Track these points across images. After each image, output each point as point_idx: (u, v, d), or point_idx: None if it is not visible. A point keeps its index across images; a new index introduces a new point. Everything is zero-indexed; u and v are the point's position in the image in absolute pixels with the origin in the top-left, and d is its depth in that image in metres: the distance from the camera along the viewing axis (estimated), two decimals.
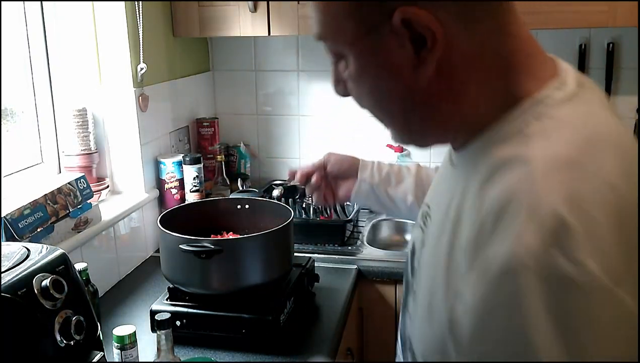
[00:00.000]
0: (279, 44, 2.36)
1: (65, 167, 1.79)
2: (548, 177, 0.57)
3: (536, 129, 0.62)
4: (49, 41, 1.76)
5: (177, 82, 2.14)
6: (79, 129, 1.76)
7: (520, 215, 0.56)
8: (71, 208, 1.54)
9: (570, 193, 0.55)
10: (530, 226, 0.55)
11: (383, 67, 0.66)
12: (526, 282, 0.54)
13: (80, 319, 1.07)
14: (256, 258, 1.42)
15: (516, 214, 0.56)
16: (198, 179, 2.02)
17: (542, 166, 0.58)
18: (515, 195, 0.58)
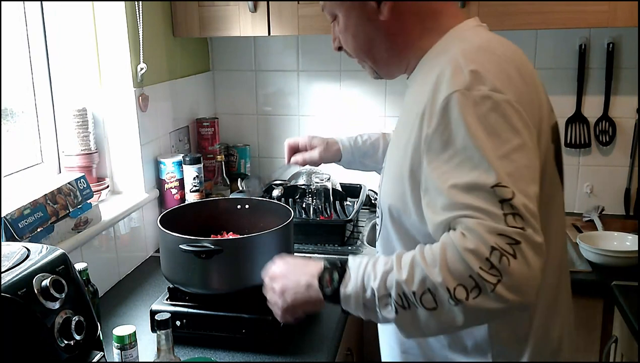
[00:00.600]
0: (279, 44, 2.36)
1: (65, 167, 1.79)
2: (464, 54, 0.97)
3: (458, 40, 1.03)
4: (49, 41, 1.76)
5: (177, 82, 2.14)
6: (79, 129, 1.76)
7: (449, 75, 0.94)
8: (71, 208, 1.55)
9: (479, 59, 0.96)
10: (458, 78, 0.93)
11: (359, 18, 1.08)
12: (463, 103, 0.91)
13: (80, 319, 1.07)
14: (256, 258, 1.42)
15: (449, 73, 0.94)
16: (198, 178, 2.02)
17: (460, 50, 0.98)
18: (444, 68, 0.96)
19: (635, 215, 2.18)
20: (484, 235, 0.87)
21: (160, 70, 2.01)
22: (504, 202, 0.87)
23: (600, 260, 1.79)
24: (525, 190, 0.89)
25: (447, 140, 0.92)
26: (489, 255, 0.86)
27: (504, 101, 0.91)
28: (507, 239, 0.86)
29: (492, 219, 0.87)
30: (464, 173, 0.90)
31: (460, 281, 0.87)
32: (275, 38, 2.34)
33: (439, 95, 0.94)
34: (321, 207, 2.11)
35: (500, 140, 0.90)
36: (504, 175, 0.88)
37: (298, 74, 2.38)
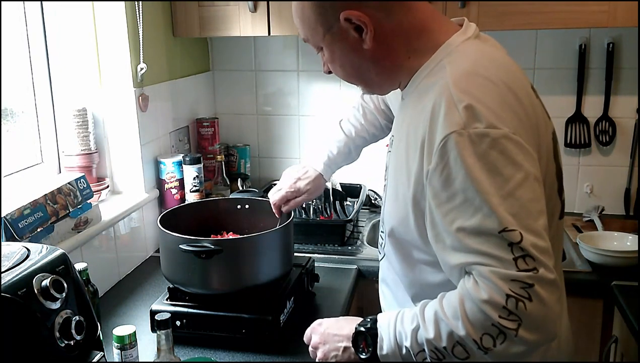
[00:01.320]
0: (279, 44, 2.36)
1: (65, 167, 1.79)
2: (456, 84, 0.95)
3: (447, 60, 1.01)
4: (49, 41, 1.76)
5: (177, 82, 2.14)
6: (79, 129, 1.76)
7: (444, 113, 0.93)
8: (71, 208, 1.54)
9: (470, 90, 0.94)
10: (453, 116, 0.92)
11: (343, 49, 1.07)
12: (462, 145, 0.90)
13: (80, 319, 1.07)
14: (256, 258, 1.42)
15: (443, 111, 0.93)
16: (198, 178, 2.02)
17: (452, 80, 0.96)
18: (438, 101, 0.95)
19: (635, 215, 2.18)
20: (498, 283, 0.89)
21: (160, 70, 2.01)
22: (513, 245, 0.89)
23: (600, 260, 1.79)
24: (533, 226, 0.90)
25: (447, 180, 0.93)
26: (505, 302, 0.89)
27: (502, 136, 0.91)
28: (521, 284, 0.88)
29: (503, 265, 0.89)
30: (467, 215, 0.91)
31: (485, 330, 0.91)
32: (275, 38, 2.34)
33: (436, 135, 0.93)
34: (321, 207, 2.11)
35: (502, 179, 0.90)
36: (509, 217, 0.89)
37: (298, 74, 2.38)
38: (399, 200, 1.07)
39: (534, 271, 0.88)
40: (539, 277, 0.88)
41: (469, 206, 0.91)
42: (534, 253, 0.88)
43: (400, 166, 1.06)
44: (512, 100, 0.96)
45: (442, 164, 0.92)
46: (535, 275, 0.88)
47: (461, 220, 0.92)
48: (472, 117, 0.91)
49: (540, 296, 0.88)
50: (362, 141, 1.62)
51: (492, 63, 1.01)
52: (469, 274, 0.94)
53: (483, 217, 0.90)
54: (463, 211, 0.92)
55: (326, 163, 1.56)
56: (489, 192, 0.89)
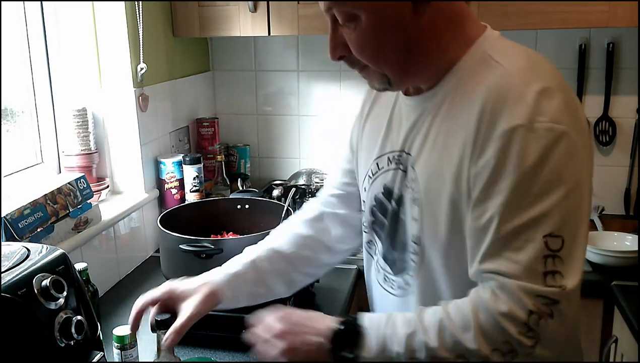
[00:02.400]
0: (279, 44, 2.36)
1: (65, 167, 1.79)
2: (520, 74, 0.90)
3: (494, 55, 0.94)
4: (49, 41, 1.76)
5: (177, 82, 2.14)
6: (79, 129, 1.76)
7: (508, 102, 0.87)
8: (71, 208, 1.55)
9: (534, 84, 0.88)
10: (518, 107, 0.86)
11: (391, 19, 0.92)
12: (527, 138, 0.85)
13: (80, 319, 1.07)
14: None
15: (506, 103, 0.87)
16: (198, 178, 2.02)
17: (514, 69, 0.91)
18: (495, 94, 0.89)
19: (635, 215, 2.18)
20: (522, 297, 0.85)
21: (160, 70, 2.01)
22: (549, 257, 0.85)
23: (600, 260, 1.79)
24: (576, 234, 0.87)
25: (502, 174, 0.87)
26: (527, 319, 0.85)
27: (566, 134, 0.86)
28: (546, 300, 0.85)
29: (532, 279, 0.85)
30: (515, 213, 0.87)
31: (496, 346, 0.86)
32: (275, 38, 2.34)
33: (496, 126, 0.87)
34: None
35: (559, 180, 0.86)
36: (559, 221, 0.85)
37: (298, 74, 2.38)
38: (439, 208, 0.97)
39: (561, 288, 0.84)
40: (565, 294, 0.84)
41: (520, 203, 0.86)
42: (567, 265, 0.85)
43: (442, 182, 0.96)
44: (572, 97, 0.94)
45: (501, 156, 0.87)
46: (561, 292, 0.84)
47: (505, 220, 0.87)
48: (538, 111, 0.86)
49: (563, 313, 0.85)
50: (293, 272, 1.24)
51: (544, 61, 0.97)
52: (485, 283, 0.89)
53: (532, 218, 0.85)
54: (511, 209, 0.87)
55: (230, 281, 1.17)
56: (543, 190, 0.85)
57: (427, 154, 1.00)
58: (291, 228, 1.27)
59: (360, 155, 1.19)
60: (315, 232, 1.25)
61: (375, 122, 1.15)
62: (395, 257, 1.09)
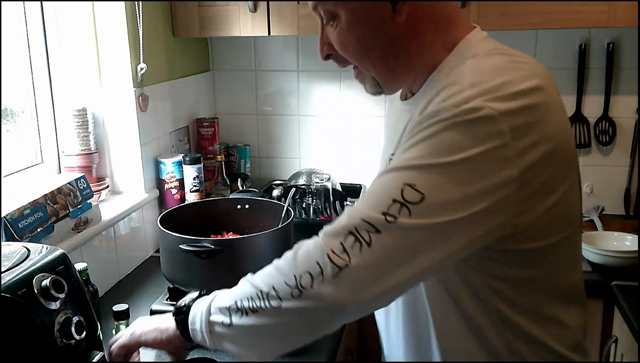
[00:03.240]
0: (279, 44, 2.36)
1: (65, 167, 1.79)
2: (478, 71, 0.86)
3: (469, 55, 0.91)
4: (49, 41, 1.76)
5: (177, 82, 2.14)
6: (79, 129, 1.76)
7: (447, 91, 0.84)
8: (71, 208, 1.54)
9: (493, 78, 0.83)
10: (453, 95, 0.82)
11: (369, 18, 0.91)
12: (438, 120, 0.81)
13: (80, 319, 1.07)
14: (256, 258, 1.42)
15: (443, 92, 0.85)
16: (198, 178, 2.02)
17: (475, 66, 0.88)
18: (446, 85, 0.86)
19: (635, 215, 2.18)
20: (347, 219, 0.84)
21: (160, 70, 2.01)
22: (397, 202, 0.81)
23: (600, 260, 1.79)
24: (447, 207, 0.81)
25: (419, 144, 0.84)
26: (344, 238, 0.83)
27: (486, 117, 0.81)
28: (369, 226, 0.81)
29: (369, 209, 0.83)
30: (391, 166, 0.86)
31: (308, 268, 0.84)
32: (275, 38, 2.34)
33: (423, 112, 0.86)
34: (321, 207, 2.11)
35: (450, 150, 0.81)
36: (428, 181, 0.81)
37: (298, 74, 2.38)
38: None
39: (388, 221, 0.80)
40: (391, 226, 0.80)
41: (398, 161, 0.85)
42: (411, 219, 0.80)
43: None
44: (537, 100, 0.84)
45: (410, 136, 0.85)
46: (387, 224, 0.80)
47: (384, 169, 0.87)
48: (468, 98, 0.81)
49: (382, 244, 0.80)
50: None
51: (523, 65, 0.90)
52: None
53: (401, 166, 0.84)
54: (395, 162, 0.86)
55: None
56: (430, 155, 0.82)
57: (397, 154, 1.00)
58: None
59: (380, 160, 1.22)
60: None
61: (388, 126, 1.21)
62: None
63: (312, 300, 0.83)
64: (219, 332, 0.93)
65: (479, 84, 0.82)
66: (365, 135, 2.36)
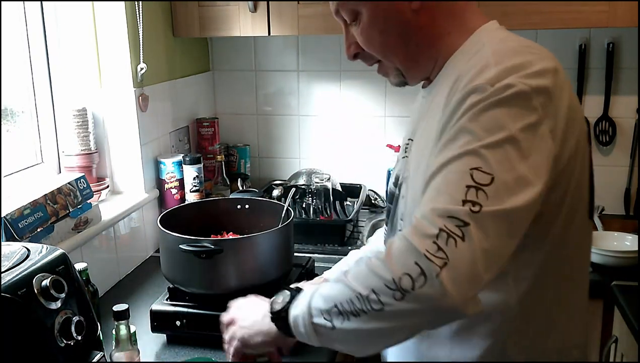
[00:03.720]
0: (279, 44, 2.36)
1: (65, 167, 1.79)
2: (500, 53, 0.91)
3: (486, 41, 0.96)
4: (49, 41, 1.76)
5: (177, 82, 2.14)
6: (79, 129, 1.76)
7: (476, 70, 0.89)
8: (71, 208, 1.54)
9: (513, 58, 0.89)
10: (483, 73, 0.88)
11: (388, 10, 0.98)
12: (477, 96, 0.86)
13: (80, 319, 1.07)
14: (256, 258, 1.42)
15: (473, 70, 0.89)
16: (198, 178, 2.02)
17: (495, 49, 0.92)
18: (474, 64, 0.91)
19: (635, 215, 2.18)
20: (433, 217, 0.83)
21: (160, 70, 2.01)
22: (472, 188, 0.83)
23: (600, 260, 1.79)
24: (515, 180, 0.84)
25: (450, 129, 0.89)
26: (436, 236, 0.82)
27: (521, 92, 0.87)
28: (457, 221, 0.82)
29: (447, 203, 0.83)
30: (446, 150, 0.88)
31: (406, 269, 0.83)
32: (275, 38, 2.34)
33: (459, 92, 0.90)
34: (321, 207, 2.11)
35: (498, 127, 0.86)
36: (492, 161, 0.84)
37: (298, 74, 2.38)
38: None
39: (473, 211, 0.82)
40: (478, 216, 0.81)
41: (453, 142, 0.87)
42: (490, 200, 0.82)
43: (422, 156, 0.99)
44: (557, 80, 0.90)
45: (454, 115, 0.89)
46: (474, 214, 0.81)
47: (438, 155, 0.89)
48: (499, 77, 0.87)
49: (472, 237, 0.81)
50: None
51: (538, 49, 0.96)
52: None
53: (461, 152, 0.85)
54: (445, 146, 0.88)
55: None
56: (482, 135, 0.85)
57: (417, 137, 1.06)
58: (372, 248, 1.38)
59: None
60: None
61: (410, 117, 1.22)
62: (390, 234, 1.13)
63: (417, 302, 0.83)
64: (324, 333, 0.94)
65: (502, 62, 0.88)
66: (365, 135, 2.36)
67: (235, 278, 1.42)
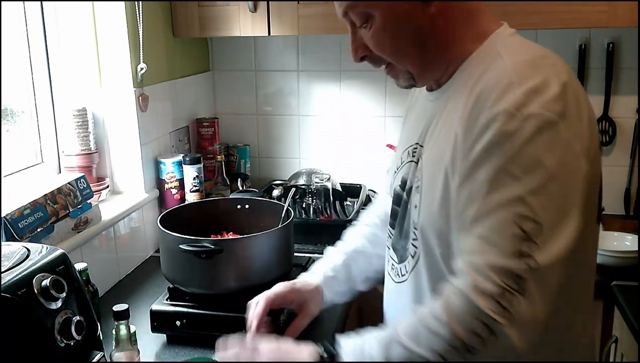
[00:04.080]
0: (279, 44, 2.36)
1: (65, 167, 1.79)
2: (519, 66, 0.91)
3: (501, 49, 0.96)
4: (49, 41, 1.76)
5: (177, 82, 2.14)
6: (79, 129, 1.76)
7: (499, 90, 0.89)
8: (71, 208, 1.55)
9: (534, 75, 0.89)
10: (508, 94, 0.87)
11: (403, 14, 0.96)
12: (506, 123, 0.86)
13: (80, 319, 1.07)
14: (256, 258, 1.42)
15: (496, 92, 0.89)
16: (198, 178, 2.02)
17: (513, 62, 0.92)
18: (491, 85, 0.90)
19: (635, 215, 2.18)
20: (489, 273, 0.85)
21: (160, 70, 2.01)
22: (521, 239, 0.85)
23: (600, 260, 1.79)
24: (559, 222, 0.86)
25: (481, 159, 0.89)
26: (497, 294, 0.85)
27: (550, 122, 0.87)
28: (513, 276, 0.84)
29: (500, 257, 0.85)
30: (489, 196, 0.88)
31: (472, 327, 0.85)
32: (275, 38, 2.34)
33: (484, 112, 0.89)
34: (321, 207, 2.11)
35: (538, 166, 0.86)
36: (536, 206, 0.85)
37: (298, 74, 2.38)
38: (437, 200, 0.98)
39: (528, 265, 0.84)
40: (533, 271, 0.84)
41: (496, 186, 0.87)
42: (541, 250, 0.84)
43: (437, 158, 0.99)
44: (575, 93, 0.93)
45: (483, 141, 0.88)
46: (528, 269, 0.84)
47: (481, 200, 0.88)
48: (526, 100, 0.86)
49: (531, 292, 0.84)
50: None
51: (552, 57, 0.97)
52: (459, 266, 0.90)
53: (507, 199, 0.86)
54: (488, 191, 0.88)
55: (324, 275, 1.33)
56: (523, 177, 0.86)
57: (431, 145, 1.03)
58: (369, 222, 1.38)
59: (397, 149, 1.23)
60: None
61: (409, 118, 1.21)
62: (400, 245, 1.12)
63: (487, 357, 0.86)
64: None
65: (525, 82, 0.88)
66: (365, 135, 2.36)
67: (235, 278, 1.42)
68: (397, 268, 1.14)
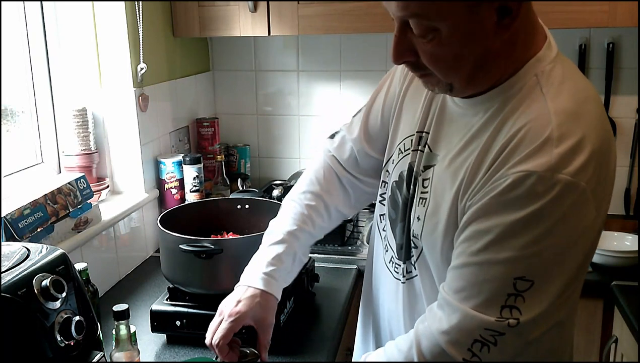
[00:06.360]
0: (279, 44, 2.36)
1: (65, 167, 1.79)
2: (560, 119, 0.86)
3: (543, 82, 0.91)
4: (49, 41, 1.76)
5: (177, 82, 2.14)
6: (79, 129, 1.76)
7: (537, 144, 0.85)
8: (71, 208, 1.55)
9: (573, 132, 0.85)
10: (543, 154, 0.84)
11: (473, 33, 0.88)
12: (534, 184, 0.83)
13: (80, 319, 1.07)
14: None
15: (535, 144, 0.85)
16: (198, 178, 2.02)
17: (556, 111, 0.87)
18: (532, 130, 0.87)
19: (635, 215, 2.18)
20: (471, 326, 0.87)
21: (160, 70, 2.01)
22: (512, 295, 0.86)
23: (600, 260, 1.79)
24: (551, 282, 0.86)
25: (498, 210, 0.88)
26: (471, 345, 0.87)
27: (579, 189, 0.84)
28: (493, 332, 0.86)
29: (487, 310, 0.87)
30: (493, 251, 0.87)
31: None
32: (275, 38, 2.34)
33: (514, 162, 0.86)
34: None
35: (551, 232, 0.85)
36: (536, 269, 0.85)
37: (298, 74, 2.38)
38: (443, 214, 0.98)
39: (509, 324, 0.86)
40: (513, 329, 0.85)
41: (503, 243, 0.87)
42: (527, 304, 0.85)
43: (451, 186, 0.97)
44: (606, 147, 0.89)
45: (503, 193, 0.86)
46: (509, 327, 0.85)
47: (486, 253, 0.88)
48: (561, 164, 0.83)
49: (506, 344, 0.86)
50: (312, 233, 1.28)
51: (592, 103, 0.92)
52: (443, 302, 0.91)
53: (509, 260, 0.86)
54: (496, 246, 0.87)
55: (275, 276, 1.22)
56: (533, 242, 0.85)
57: (446, 160, 1.00)
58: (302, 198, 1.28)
59: (396, 128, 1.17)
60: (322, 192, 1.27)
61: (415, 98, 1.13)
62: (403, 241, 1.11)
63: None
64: None
65: (564, 140, 0.85)
66: None
67: (235, 279, 1.41)
68: (397, 265, 1.14)
